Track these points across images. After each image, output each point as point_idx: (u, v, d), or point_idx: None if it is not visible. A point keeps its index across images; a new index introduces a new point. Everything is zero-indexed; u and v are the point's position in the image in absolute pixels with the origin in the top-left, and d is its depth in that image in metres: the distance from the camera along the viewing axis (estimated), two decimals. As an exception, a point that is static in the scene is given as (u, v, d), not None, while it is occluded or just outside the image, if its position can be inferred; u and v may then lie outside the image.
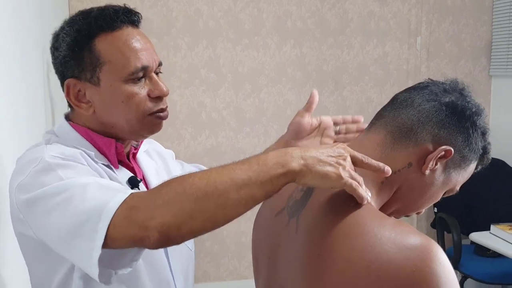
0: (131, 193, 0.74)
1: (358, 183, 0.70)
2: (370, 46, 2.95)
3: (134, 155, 1.02)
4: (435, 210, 2.91)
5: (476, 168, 0.84)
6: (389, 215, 0.81)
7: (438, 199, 0.83)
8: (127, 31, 0.91)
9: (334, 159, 0.69)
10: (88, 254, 0.73)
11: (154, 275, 0.95)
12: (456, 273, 2.86)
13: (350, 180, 0.68)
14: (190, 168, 1.19)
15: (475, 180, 2.93)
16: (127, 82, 0.90)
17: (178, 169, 1.16)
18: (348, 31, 2.92)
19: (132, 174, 0.97)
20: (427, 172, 0.78)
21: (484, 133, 0.81)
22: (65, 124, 0.95)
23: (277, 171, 0.67)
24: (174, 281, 1.00)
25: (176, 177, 0.72)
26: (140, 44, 0.91)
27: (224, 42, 2.77)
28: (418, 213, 0.86)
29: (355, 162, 0.72)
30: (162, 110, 0.93)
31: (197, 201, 0.67)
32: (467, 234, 2.46)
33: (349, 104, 2.97)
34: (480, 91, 3.09)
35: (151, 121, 0.93)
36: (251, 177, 0.67)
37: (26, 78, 1.50)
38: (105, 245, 0.72)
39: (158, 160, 1.11)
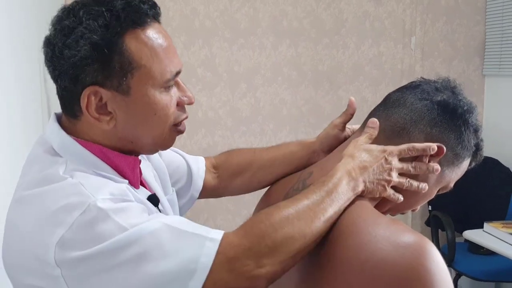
0: (221, 241, 0.67)
1: (404, 185, 0.78)
2: (365, 46, 2.97)
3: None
4: (429, 208, 2.94)
5: (469, 165, 0.85)
6: (385, 212, 0.83)
7: (433, 196, 0.84)
8: (157, 28, 0.75)
9: (382, 177, 0.77)
10: None
11: None
12: (450, 271, 2.88)
13: (389, 192, 0.78)
14: (172, 154, 1.04)
15: (469, 178, 2.96)
16: (161, 91, 0.75)
17: (165, 161, 1.02)
18: (343, 31, 2.94)
19: (150, 193, 0.85)
20: None
21: (476, 131, 0.82)
22: (68, 139, 0.75)
23: (349, 196, 0.75)
24: None
25: (271, 212, 0.70)
26: (169, 44, 0.76)
27: (220, 42, 2.79)
28: (413, 210, 0.87)
29: (405, 155, 0.78)
30: (186, 118, 0.82)
31: (301, 244, 0.70)
32: (461, 232, 2.49)
33: (344, 103, 2.94)
34: (474, 90, 3.12)
35: (172, 134, 0.80)
36: (333, 206, 0.72)
37: (22, 78, 1.50)
38: None
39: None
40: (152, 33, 0.74)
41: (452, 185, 0.85)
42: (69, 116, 0.77)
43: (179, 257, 0.65)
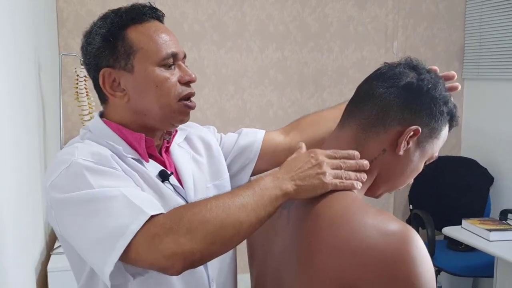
0: (152, 217, 0.78)
1: (342, 176, 0.82)
2: (349, 50, 3.06)
3: (167, 148, 1.04)
4: (411, 207, 3.03)
5: (449, 130, 0.89)
6: (380, 194, 0.90)
7: (420, 170, 0.89)
8: (155, 24, 0.97)
9: (313, 171, 0.81)
10: (102, 267, 0.79)
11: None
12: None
13: (334, 181, 0.81)
14: (232, 136, 1.17)
15: (449, 179, 3.07)
16: (160, 67, 0.94)
17: (225, 145, 1.15)
18: (328, 35, 3.02)
19: (162, 168, 0.99)
20: (401, 153, 0.83)
21: (446, 102, 0.84)
22: (98, 120, 0.99)
23: (276, 192, 0.80)
24: (207, 268, 1.00)
25: (193, 204, 0.80)
26: (168, 35, 0.96)
27: (209, 45, 2.85)
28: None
29: (332, 159, 0.83)
30: (191, 94, 0.98)
31: (217, 228, 0.76)
32: (441, 230, 2.57)
33: (329, 105, 3.05)
34: (453, 93, 3.19)
35: (181, 107, 0.97)
36: (256, 201, 0.78)
37: (18, 78, 1.53)
38: (123, 260, 0.78)
39: (199, 146, 1.11)
40: (149, 26, 0.96)
41: (436, 154, 0.89)
42: (103, 103, 1.01)
43: (117, 221, 0.79)
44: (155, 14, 0.98)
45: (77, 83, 2.08)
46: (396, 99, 0.83)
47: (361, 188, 0.85)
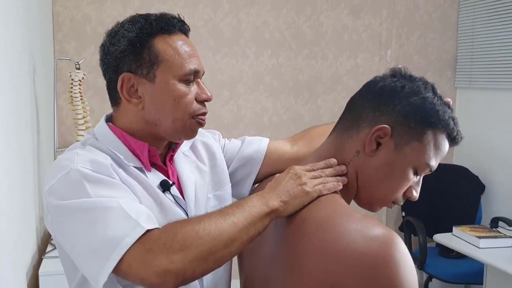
0: (147, 231, 0.78)
1: (323, 183, 0.85)
2: (343, 57, 3.09)
3: (172, 157, 1.03)
4: (403, 214, 3.05)
5: (453, 141, 0.86)
6: (372, 206, 0.90)
7: (408, 178, 0.85)
8: (182, 37, 0.97)
9: (294, 184, 0.84)
10: (95, 276, 0.80)
11: None
12: (422, 274, 3.00)
13: (317, 188, 0.84)
14: (236, 143, 1.17)
15: (441, 186, 3.10)
16: (180, 82, 0.94)
17: (227, 153, 1.15)
18: (322, 43, 3.05)
19: (164, 178, 0.98)
20: (372, 153, 0.84)
21: (431, 107, 0.83)
22: (104, 125, 0.98)
23: (264, 209, 0.82)
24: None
25: (186, 221, 0.82)
26: (192, 50, 0.97)
27: (204, 50, 2.86)
28: (394, 203, 0.89)
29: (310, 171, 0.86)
30: (205, 113, 0.98)
31: (210, 246, 0.77)
32: (433, 237, 2.60)
33: (323, 112, 3.09)
34: (446, 102, 3.25)
35: (192, 124, 0.97)
36: (246, 218, 0.80)
37: (11, 81, 1.53)
38: (114, 271, 0.78)
39: (202, 154, 1.11)
40: (176, 39, 0.96)
41: (432, 163, 0.85)
42: (114, 105, 0.99)
43: (113, 232, 0.79)
44: (183, 28, 0.98)
45: (72, 87, 2.09)
46: (369, 102, 0.86)
47: (347, 192, 0.87)
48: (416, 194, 0.89)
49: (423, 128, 0.84)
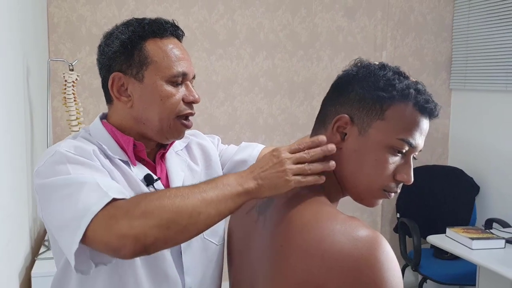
0: (113, 200, 0.82)
1: (305, 170, 0.81)
2: (338, 59, 3.10)
3: (163, 154, 1.07)
4: (398, 215, 3.06)
5: (416, 105, 0.81)
6: (367, 201, 0.86)
7: (384, 159, 0.82)
8: (173, 41, 1.02)
9: (274, 170, 0.82)
10: (69, 246, 0.82)
11: (151, 268, 0.97)
12: (416, 275, 3.00)
13: (296, 178, 0.81)
14: (233, 148, 1.20)
15: (436, 187, 3.10)
16: (168, 83, 0.98)
17: (223, 156, 1.17)
18: (317, 45, 3.06)
19: (149, 172, 1.01)
20: (340, 145, 0.83)
21: (388, 81, 0.81)
22: (98, 121, 1.04)
23: (237, 189, 0.82)
24: (183, 276, 1.00)
25: (154, 192, 0.84)
26: (182, 54, 1.01)
27: (199, 52, 2.87)
28: (389, 192, 0.84)
29: (296, 152, 0.83)
30: (191, 114, 1.02)
31: (173, 214, 0.78)
32: (426, 238, 2.60)
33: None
34: (441, 103, 3.21)
35: (178, 125, 1.00)
36: (217, 195, 0.81)
37: (4, 82, 1.54)
38: (85, 242, 0.81)
39: (197, 154, 1.12)
40: (168, 43, 1.00)
41: (408, 138, 0.81)
42: (107, 102, 1.05)
43: (83, 203, 0.82)
44: (175, 32, 1.02)
45: (65, 89, 2.09)
46: (329, 98, 0.88)
47: (331, 190, 0.86)
48: (407, 176, 0.83)
49: (382, 105, 0.81)
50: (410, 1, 3.18)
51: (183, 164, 1.09)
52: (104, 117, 1.06)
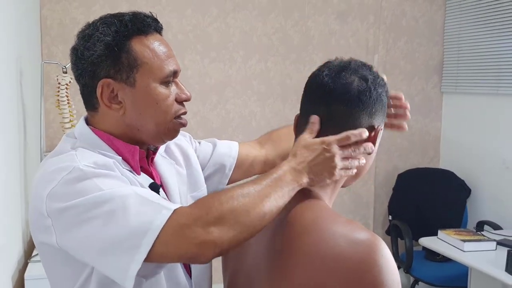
0: (175, 210, 0.78)
1: (348, 167, 0.86)
2: (331, 62, 3.11)
3: (152, 159, 1.01)
4: (390, 218, 3.08)
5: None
6: (347, 182, 0.92)
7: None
8: (157, 37, 0.94)
9: (327, 165, 0.84)
10: (125, 268, 0.77)
11: (171, 277, 0.95)
12: (408, 277, 3.02)
13: (340, 173, 0.85)
14: (207, 146, 1.18)
15: (427, 190, 3.12)
16: (161, 84, 0.92)
17: (200, 156, 1.15)
18: (310, 48, 3.07)
19: (152, 180, 0.97)
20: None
21: (330, 90, 0.89)
22: (86, 129, 0.94)
23: (293, 185, 0.83)
24: (191, 280, 1.00)
25: (220, 192, 0.81)
26: (169, 51, 0.95)
27: (193, 55, 2.88)
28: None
29: (344, 145, 0.85)
30: (185, 113, 0.97)
31: (244, 217, 0.78)
32: (418, 240, 2.62)
33: (311, 116, 3.11)
34: (432, 107, 3.30)
35: (175, 125, 0.95)
36: (277, 192, 0.81)
37: (1, 82, 1.54)
38: (147, 260, 0.77)
39: (178, 156, 1.10)
40: (153, 40, 0.93)
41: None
42: (90, 110, 0.95)
43: (138, 219, 0.77)
44: (157, 27, 0.95)
45: (59, 91, 2.09)
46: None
47: (325, 187, 0.89)
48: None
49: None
50: (402, 5, 3.21)
51: (171, 167, 1.06)
52: (88, 123, 0.96)
